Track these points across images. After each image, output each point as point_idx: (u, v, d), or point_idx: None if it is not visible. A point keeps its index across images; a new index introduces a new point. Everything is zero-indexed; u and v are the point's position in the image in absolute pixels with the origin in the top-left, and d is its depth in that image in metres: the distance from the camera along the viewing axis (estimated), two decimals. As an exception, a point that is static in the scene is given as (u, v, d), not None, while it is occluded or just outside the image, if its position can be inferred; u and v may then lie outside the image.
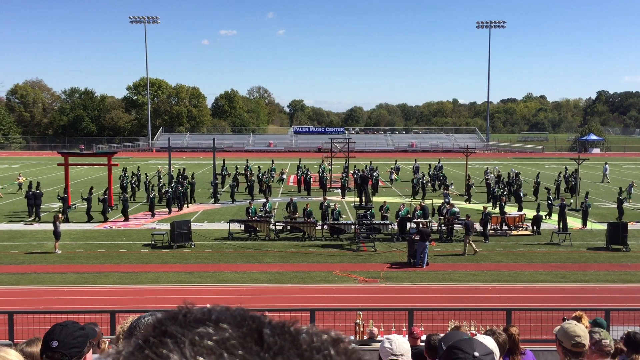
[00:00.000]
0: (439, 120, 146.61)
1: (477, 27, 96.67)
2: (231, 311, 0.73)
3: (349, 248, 23.90)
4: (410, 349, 4.36)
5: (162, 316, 0.71)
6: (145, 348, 0.66)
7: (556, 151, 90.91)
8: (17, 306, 15.72)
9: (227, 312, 0.72)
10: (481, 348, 2.43)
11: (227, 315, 0.71)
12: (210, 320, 0.70)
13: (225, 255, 22.70)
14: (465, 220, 23.33)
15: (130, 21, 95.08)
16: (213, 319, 0.70)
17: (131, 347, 0.68)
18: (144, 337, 0.68)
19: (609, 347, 4.72)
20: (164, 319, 0.71)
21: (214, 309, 0.73)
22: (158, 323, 0.70)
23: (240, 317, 0.71)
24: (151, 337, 0.67)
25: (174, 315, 0.71)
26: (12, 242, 25.03)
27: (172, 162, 41.52)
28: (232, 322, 0.70)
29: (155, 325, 0.69)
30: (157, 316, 0.72)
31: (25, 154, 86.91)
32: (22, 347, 3.64)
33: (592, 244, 24.61)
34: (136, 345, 0.67)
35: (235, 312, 0.73)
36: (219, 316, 0.71)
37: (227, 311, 0.73)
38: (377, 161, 57.15)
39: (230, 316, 0.71)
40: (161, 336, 0.67)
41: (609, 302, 15.73)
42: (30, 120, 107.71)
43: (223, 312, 0.72)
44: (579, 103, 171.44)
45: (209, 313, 0.72)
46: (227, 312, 0.72)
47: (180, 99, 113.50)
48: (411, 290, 18.30)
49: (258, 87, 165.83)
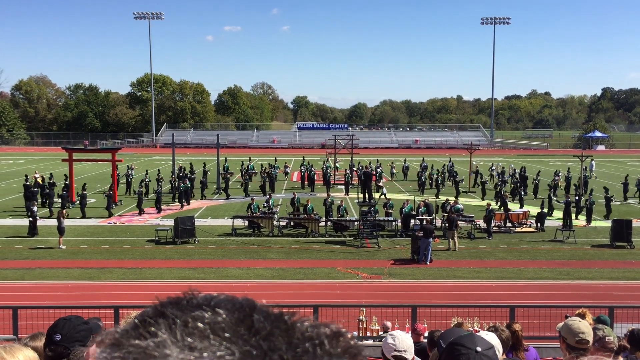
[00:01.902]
0: (443, 117, 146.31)
1: (481, 24, 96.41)
2: (232, 299, 0.75)
3: (352, 244, 23.91)
4: (413, 345, 4.36)
5: (164, 300, 0.74)
6: (139, 327, 0.69)
7: (560, 148, 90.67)
8: (21, 301, 15.77)
9: (228, 299, 0.74)
10: (483, 343, 2.42)
11: (226, 302, 0.73)
12: (209, 305, 0.72)
13: (229, 251, 22.75)
14: (449, 215, 23.43)
15: (135, 17, 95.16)
16: (212, 304, 0.72)
17: (128, 325, 0.70)
18: (142, 317, 0.71)
19: (613, 343, 4.71)
20: (165, 302, 0.73)
21: (216, 297, 0.75)
22: (159, 305, 0.73)
23: (238, 305, 0.73)
24: (147, 317, 0.70)
25: (177, 300, 0.74)
26: (17, 237, 25.12)
27: (176, 158, 41.54)
28: (229, 308, 0.72)
29: (155, 307, 0.72)
30: (160, 300, 0.74)
31: (30, 149, 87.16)
32: (25, 341, 3.65)
33: (596, 241, 24.55)
34: (132, 324, 0.70)
35: (235, 300, 0.74)
36: (218, 302, 0.73)
37: (229, 299, 0.75)
38: (381, 158, 57.09)
39: (230, 303, 0.73)
40: (157, 317, 0.70)
41: (613, 299, 15.71)
42: (34, 116, 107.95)
43: (224, 299, 0.74)
44: (584, 100, 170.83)
45: (210, 299, 0.74)
46: (228, 299, 0.74)
47: (184, 95, 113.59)
48: (414, 286, 18.31)
49: (262, 83, 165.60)
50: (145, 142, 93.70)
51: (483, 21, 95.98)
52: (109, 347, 0.68)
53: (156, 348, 0.66)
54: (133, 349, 0.66)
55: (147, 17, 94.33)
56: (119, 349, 0.67)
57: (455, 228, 22.91)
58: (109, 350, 0.68)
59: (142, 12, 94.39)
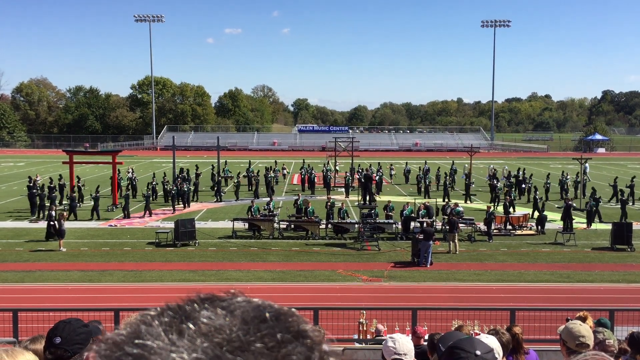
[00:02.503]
0: (443, 120, 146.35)
1: (482, 26, 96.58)
2: (249, 301, 0.74)
3: (352, 247, 23.89)
4: (413, 348, 4.36)
5: (168, 302, 0.75)
6: (141, 329, 0.69)
7: (561, 151, 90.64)
8: (21, 304, 15.76)
9: (245, 303, 0.74)
10: (482, 346, 2.42)
11: (243, 305, 0.74)
12: (223, 307, 0.73)
13: (229, 254, 22.73)
14: (450, 217, 23.43)
15: (135, 20, 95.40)
16: (227, 305, 0.74)
17: (129, 327, 0.71)
18: (143, 319, 0.71)
19: (613, 347, 4.71)
20: (168, 304, 0.74)
21: (239, 302, 0.75)
22: (161, 307, 0.74)
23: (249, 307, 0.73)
24: (149, 319, 0.71)
25: (181, 302, 0.75)
26: (17, 239, 25.12)
27: (177, 161, 41.55)
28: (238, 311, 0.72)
29: (158, 309, 0.73)
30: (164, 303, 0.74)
31: (31, 152, 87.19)
32: (26, 344, 3.65)
33: (597, 244, 24.53)
34: (134, 325, 0.71)
35: (252, 302, 0.74)
36: (236, 305, 0.74)
37: (248, 303, 0.75)
38: (382, 160, 57.08)
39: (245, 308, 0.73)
40: (159, 318, 0.71)
41: (613, 302, 15.68)
42: (35, 118, 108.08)
43: (242, 302, 0.75)
44: (584, 102, 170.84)
45: (230, 301, 0.75)
46: (245, 303, 0.74)
47: (185, 98, 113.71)
48: (415, 289, 18.28)
49: (262, 85, 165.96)
50: (145, 145, 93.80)
51: (483, 24, 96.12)
52: (110, 349, 0.68)
53: (158, 350, 0.66)
54: (135, 350, 0.67)
55: (148, 20, 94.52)
56: (120, 351, 0.67)
57: (456, 231, 22.91)
58: (110, 352, 0.68)
59: (142, 15, 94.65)
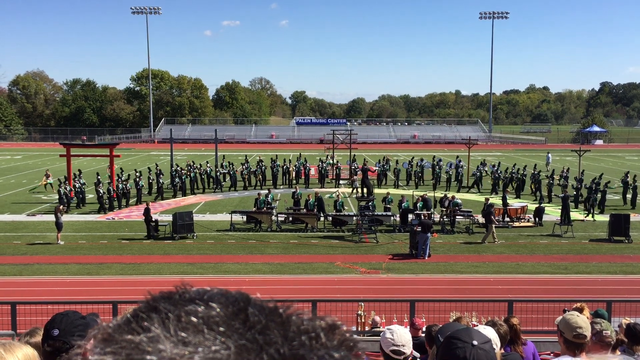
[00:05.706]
0: (441, 112, 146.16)
1: (480, 18, 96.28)
2: (226, 293, 0.74)
3: (351, 239, 23.92)
4: (411, 339, 4.36)
5: (156, 294, 0.73)
6: (132, 322, 0.68)
7: (559, 143, 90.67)
8: (19, 297, 15.78)
9: (221, 293, 0.73)
10: (479, 336, 2.42)
11: (220, 295, 0.73)
12: (202, 299, 0.71)
13: (227, 247, 22.74)
14: (487, 209, 23.49)
15: (132, 12, 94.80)
16: (205, 298, 0.71)
17: (121, 320, 0.70)
18: (134, 312, 0.70)
19: (610, 338, 4.72)
20: (157, 296, 0.73)
21: (209, 291, 0.74)
22: (151, 300, 0.72)
23: (232, 298, 0.72)
24: (140, 312, 0.70)
25: (170, 295, 0.73)
26: (15, 233, 25.11)
27: (174, 154, 41.48)
28: (222, 302, 0.71)
29: (148, 302, 0.71)
30: (152, 294, 0.73)
31: (28, 145, 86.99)
32: (26, 338, 3.64)
33: (594, 236, 24.59)
34: (125, 318, 0.70)
35: (229, 294, 0.73)
36: (211, 296, 0.72)
37: (222, 293, 0.74)
38: (380, 152, 57.04)
39: (223, 297, 0.72)
40: (150, 311, 0.69)
41: (611, 294, 15.73)
42: (32, 111, 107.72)
43: (218, 292, 0.74)
44: (582, 94, 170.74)
45: (204, 293, 0.73)
46: (221, 293, 0.73)
47: (182, 90, 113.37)
48: (413, 281, 18.33)
49: (260, 78, 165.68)
50: (143, 138, 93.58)
51: (481, 15, 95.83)
52: (102, 342, 0.67)
53: (149, 343, 0.65)
54: (126, 344, 0.66)
55: (145, 12, 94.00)
56: (112, 344, 0.66)
57: (493, 221, 23.21)
58: (102, 346, 0.67)
59: (139, 7, 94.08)
